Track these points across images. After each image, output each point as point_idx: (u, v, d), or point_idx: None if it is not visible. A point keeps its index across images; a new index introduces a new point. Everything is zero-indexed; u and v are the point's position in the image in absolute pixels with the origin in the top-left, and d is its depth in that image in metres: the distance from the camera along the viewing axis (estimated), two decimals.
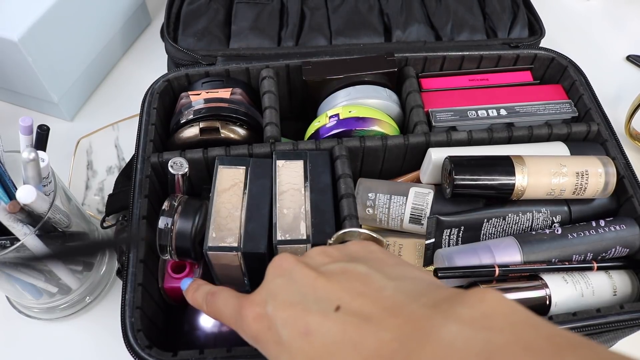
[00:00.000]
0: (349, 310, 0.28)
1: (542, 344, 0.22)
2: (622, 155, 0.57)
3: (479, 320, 0.24)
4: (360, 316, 0.27)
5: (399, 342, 0.25)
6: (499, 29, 0.72)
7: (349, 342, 0.26)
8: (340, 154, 0.54)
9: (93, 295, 0.60)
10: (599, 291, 0.50)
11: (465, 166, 0.52)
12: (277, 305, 0.31)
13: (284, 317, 0.30)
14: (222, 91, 0.60)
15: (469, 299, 0.25)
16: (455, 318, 0.24)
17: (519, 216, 0.53)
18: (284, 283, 0.32)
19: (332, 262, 0.33)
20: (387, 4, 0.73)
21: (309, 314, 0.29)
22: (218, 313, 0.36)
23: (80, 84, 0.74)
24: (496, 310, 0.24)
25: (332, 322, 0.28)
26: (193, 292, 0.40)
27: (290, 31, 0.70)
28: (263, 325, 0.31)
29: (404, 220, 0.55)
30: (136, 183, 0.54)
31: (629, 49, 0.87)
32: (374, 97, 0.60)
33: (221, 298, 0.36)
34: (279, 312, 0.30)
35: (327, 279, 0.31)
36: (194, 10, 0.72)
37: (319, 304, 0.29)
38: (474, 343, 0.22)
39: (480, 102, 0.62)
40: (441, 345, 0.23)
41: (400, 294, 0.28)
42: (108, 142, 0.72)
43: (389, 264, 0.32)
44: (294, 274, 0.32)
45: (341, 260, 0.33)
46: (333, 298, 0.29)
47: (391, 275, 0.30)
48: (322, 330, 0.28)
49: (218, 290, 0.38)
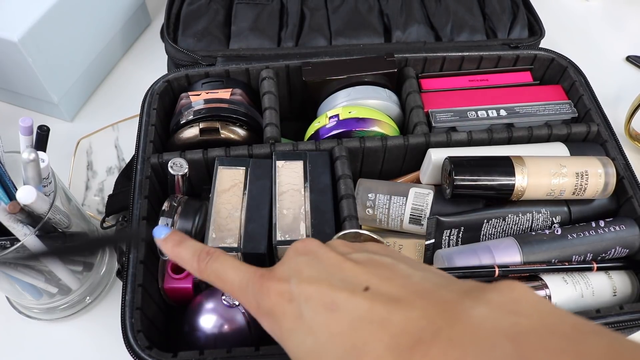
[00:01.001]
0: (377, 291, 0.28)
1: (567, 329, 0.22)
2: (622, 156, 0.57)
3: (507, 305, 0.24)
4: (389, 297, 0.27)
5: (428, 321, 0.25)
6: (499, 30, 0.72)
7: (377, 319, 0.26)
8: (340, 154, 0.54)
9: (93, 295, 0.60)
10: (598, 292, 0.50)
11: (465, 167, 0.52)
12: (302, 280, 0.30)
13: (308, 292, 0.29)
14: (222, 92, 0.60)
15: (499, 287, 0.25)
16: (485, 302, 0.25)
17: (518, 217, 0.53)
18: (308, 261, 0.31)
19: (356, 252, 0.32)
20: (387, 4, 0.73)
21: (336, 290, 0.28)
22: (221, 279, 0.35)
23: (80, 85, 0.74)
24: (524, 298, 0.25)
25: (361, 299, 0.27)
26: (175, 245, 0.38)
27: (290, 32, 0.70)
28: (284, 298, 0.30)
29: (403, 220, 0.55)
30: (136, 184, 0.54)
31: (628, 50, 0.86)
32: (373, 97, 0.60)
33: (228, 264, 0.35)
34: (304, 286, 0.29)
35: (354, 262, 0.30)
36: (194, 11, 0.72)
37: (347, 283, 0.29)
38: (502, 324, 0.23)
39: (480, 102, 0.62)
40: (470, 324, 0.24)
41: (428, 282, 0.28)
42: (108, 143, 0.72)
43: (410, 259, 0.32)
44: (319, 255, 0.32)
45: (365, 251, 0.32)
46: (361, 279, 0.29)
47: (416, 267, 0.30)
48: (349, 307, 0.27)
49: (218, 252, 0.36)
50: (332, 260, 0.31)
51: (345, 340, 0.26)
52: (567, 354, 0.21)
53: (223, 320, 0.48)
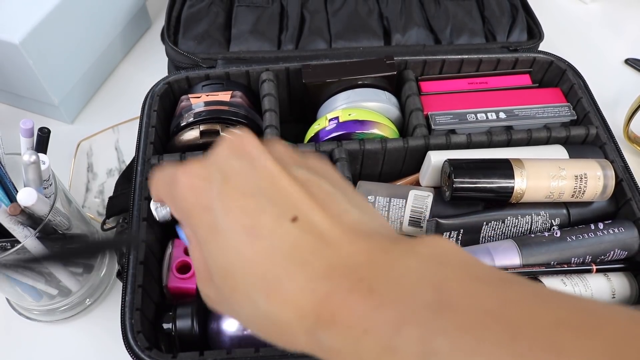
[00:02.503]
0: (307, 222, 0.25)
1: (492, 279, 0.22)
2: (621, 158, 0.58)
3: (434, 257, 0.23)
4: (317, 232, 0.24)
5: (350, 269, 0.23)
6: (498, 33, 0.72)
7: (297, 256, 0.24)
8: (340, 156, 0.55)
9: (93, 297, 0.60)
10: (597, 294, 0.50)
11: (465, 169, 0.52)
12: (226, 189, 0.26)
13: (229, 205, 0.25)
14: (222, 94, 0.60)
15: (427, 240, 0.24)
16: (413, 254, 0.23)
17: (518, 219, 0.53)
18: (241, 167, 0.26)
19: (298, 163, 0.28)
20: (386, 7, 0.73)
21: (261, 212, 0.25)
22: (155, 189, 0.31)
23: (80, 87, 0.74)
24: (451, 252, 0.23)
25: (286, 229, 0.24)
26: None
27: (290, 34, 0.70)
28: (201, 198, 0.27)
29: (403, 222, 0.55)
30: (136, 185, 0.54)
31: (627, 53, 0.87)
32: (373, 100, 0.60)
33: (159, 170, 0.31)
34: (227, 198, 0.26)
35: (290, 179, 0.26)
36: (195, 14, 0.72)
37: (276, 206, 0.25)
38: (427, 275, 0.22)
39: (480, 105, 0.62)
40: (394, 275, 0.22)
41: (362, 224, 0.26)
42: (108, 145, 0.72)
43: (350, 190, 0.28)
44: (255, 161, 0.26)
45: (307, 168, 0.28)
46: (293, 203, 0.25)
47: (354, 203, 0.27)
48: (270, 237, 0.24)
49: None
50: (267, 172, 0.26)
51: (257, 270, 0.24)
52: (491, 298, 0.20)
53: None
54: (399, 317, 0.21)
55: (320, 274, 0.23)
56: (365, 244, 0.24)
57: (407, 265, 0.23)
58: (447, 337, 0.19)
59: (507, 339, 0.19)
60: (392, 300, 0.21)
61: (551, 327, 0.19)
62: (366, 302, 0.22)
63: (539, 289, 0.21)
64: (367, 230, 0.25)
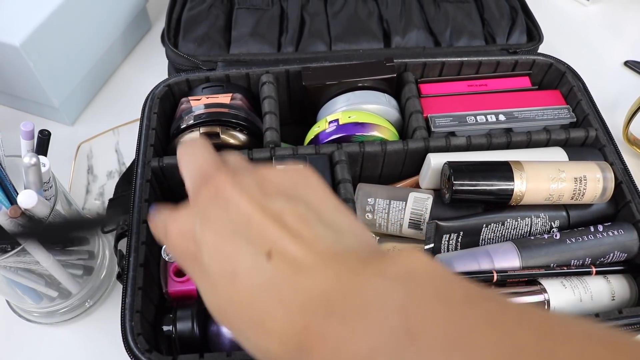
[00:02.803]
0: (281, 254, 0.26)
1: (457, 295, 0.22)
2: (620, 161, 0.58)
3: (402, 277, 0.24)
4: (292, 264, 0.26)
5: (324, 296, 0.24)
6: (498, 35, 0.72)
7: (275, 290, 0.25)
8: (340, 159, 0.55)
9: (93, 299, 0.60)
10: (597, 296, 0.50)
11: (464, 171, 0.52)
12: (206, 237, 0.28)
13: (211, 252, 0.28)
14: (222, 96, 0.60)
15: (397, 259, 0.25)
16: (382, 275, 0.24)
17: (517, 221, 0.54)
18: (218, 212, 0.28)
19: (270, 193, 0.29)
20: (386, 10, 0.73)
21: (239, 254, 0.27)
22: (155, 235, 0.33)
23: (81, 89, 0.74)
24: (420, 268, 0.24)
25: (262, 265, 0.26)
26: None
27: (290, 37, 0.70)
28: (189, 245, 0.29)
29: (403, 225, 0.55)
30: (136, 187, 0.54)
31: (626, 55, 0.87)
32: (373, 102, 0.60)
33: (155, 216, 0.33)
34: (208, 245, 0.28)
35: (264, 214, 0.27)
36: (195, 16, 0.72)
37: (252, 244, 0.27)
38: (394, 298, 0.23)
39: (479, 107, 0.62)
40: (363, 300, 0.23)
41: (337, 244, 0.27)
42: (108, 147, 0.72)
43: (328, 208, 0.29)
44: (230, 204, 0.28)
45: (280, 194, 0.29)
46: (267, 238, 0.27)
47: (330, 223, 0.28)
48: (249, 276, 0.26)
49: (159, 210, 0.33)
50: (242, 212, 0.28)
51: (244, 311, 0.26)
52: (454, 324, 0.21)
53: None
54: (371, 346, 0.22)
55: (297, 306, 0.25)
56: (337, 268, 0.25)
57: (375, 288, 0.24)
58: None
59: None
60: (363, 328, 0.22)
61: (509, 354, 0.20)
62: (340, 330, 0.23)
63: (504, 308, 0.22)
64: (341, 251, 0.26)
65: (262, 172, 0.30)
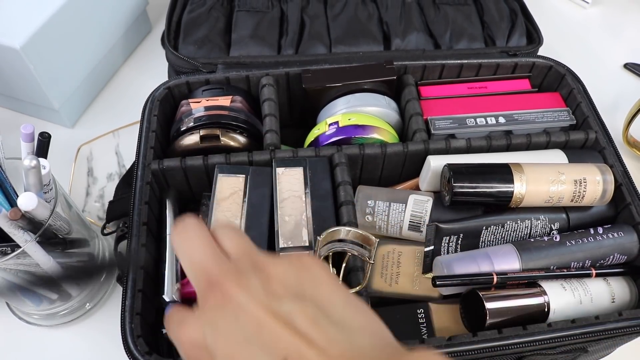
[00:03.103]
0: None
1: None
2: (620, 163, 0.58)
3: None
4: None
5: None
6: (497, 38, 0.72)
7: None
8: (340, 161, 0.55)
9: (93, 301, 0.60)
10: (597, 298, 0.50)
11: (464, 174, 0.52)
12: (219, 346, 0.28)
13: (226, 358, 0.28)
14: (222, 99, 0.60)
15: (411, 358, 0.25)
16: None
17: (517, 224, 0.54)
18: (225, 316, 0.28)
19: (278, 295, 0.29)
20: (386, 12, 0.74)
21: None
22: (171, 338, 0.32)
23: (81, 91, 0.75)
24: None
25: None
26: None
27: (290, 39, 0.70)
28: (202, 355, 0.29)
29: (403, 227, 0.55)
30: (136, 189, 0.54)
31: (626, 57, 0.87)
32: (373, 104, 0.60)
33: (167, 320, 0.33)
34: (221, 348, 0.28)
35: (275, 321, 0.27)
36: (195, 19, 0.72)
37: (266, 351, 0.27)
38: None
39: (479, 109, 0.62)
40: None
41: (350, 349, 0.27)
42: (108, 149, 0.73)
43: (338, 304, 0.29)
44: (239, 311, 0.28)
45: (287, 295, 0.29)
46: (280, 347, 0.27)
47: (341, 322, 0.28)
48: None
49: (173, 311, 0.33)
50: (251, 319, 0.28)
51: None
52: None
53: None
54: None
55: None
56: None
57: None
58: None
59: None
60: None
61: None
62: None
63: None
64: (356, 355, 0.27)
65: (267, 269, 0.30)
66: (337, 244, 0.44)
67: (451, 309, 0.53)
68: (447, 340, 0.46)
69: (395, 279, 0.54)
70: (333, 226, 0.42)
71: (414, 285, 0.54)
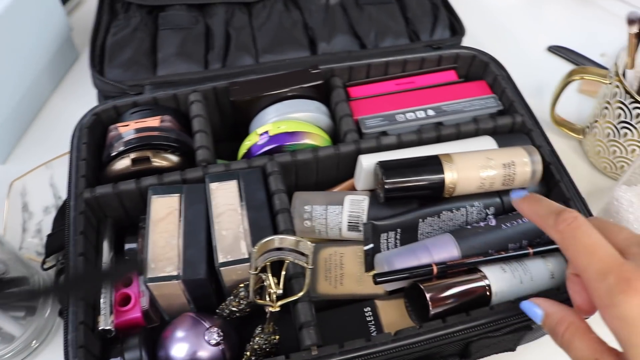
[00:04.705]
0: None
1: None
2: (547, 143, 0.59)
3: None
4: None
5: None
6: (422, 32, 0.74)
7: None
8: (272, 170, 0.55)
9: (39, 339, 0.58)
10: (537, 276, 0.51)
11: (395, 169, 0.53)
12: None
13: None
14: (150, 120, 0.60)
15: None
16: None
17: (453, 212, 0.54)
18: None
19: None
20: (310, 17, 0.74)
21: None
22: (577, 252, 0.36)
23: (9, 125, 0.73)
24: None
25: None
26: (532, 203, 0.41)
27: (216, 53, 0.70)
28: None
29: (342, 228, 0.55)
30: (70, 220, 0.53)
31: (550, 41, 0.90)
32: (302, 110, 0.60)
33: (590, 239, 0.35)
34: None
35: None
36: (119, 41, 0.71)
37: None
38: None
39: (408, 104, 0.63)
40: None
41: None
42: (43, 182, 0.71)
43: None
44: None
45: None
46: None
47: None
48: None
49: (581, 221, 0.37)
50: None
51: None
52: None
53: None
54: None
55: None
56: None
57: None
58: None
59: None
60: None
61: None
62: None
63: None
64: None
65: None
66: (274, 253, 0.44)
67: (398, 304, 0.53)
68: (393, 336, 0.46)
69: (339, 281, 0.55)
70: (266, 237, 0.42)
71: (359, 285, 0.54)
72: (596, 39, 0.89)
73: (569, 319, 0.38)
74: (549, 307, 0.40)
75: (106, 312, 0.50)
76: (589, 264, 0.34)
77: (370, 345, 0.46)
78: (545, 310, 0.40)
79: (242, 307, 0.50)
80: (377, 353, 0.45)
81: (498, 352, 0.54)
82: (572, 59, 0.86)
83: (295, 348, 0.46)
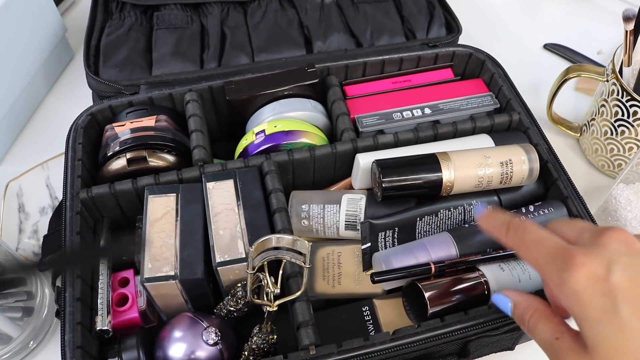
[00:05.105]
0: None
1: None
2: (545, 141, 0.59)
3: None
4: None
5: None
6: (417, 31, 0.73)
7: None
8: (269, 169, 0.55)
9: (37, 340, 0.58)
10: (535, 275, 0.51)
11: (392, 168, 0.52)
12: (624, 279, 0.31)
13: (632, 294, 0.31)
14: (146, 119, 0.59)
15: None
16: None
17: (450, 211, 0.54)
18: (630, 261, 0.32)
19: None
20: (306, 16, 0.74)
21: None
22: (525, 248, 0.37)
23: (5, 126, 0.72)
24: None
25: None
26: (485, 217, 0.42)
27: (212, 53, 0.70)
28: (596, 288, 0.32)
29: (339, 227, 0.55)
30: (67, 221, 0.53)
31: (545, 38, 0.89)
32: (299, 109, 0.60)
33: (533, 236, 0.37)
34: (627, 286, 0.31)
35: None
36: (114, 41, 0.71)
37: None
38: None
39: (405, 103, 0.63)
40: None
41: None
42: (39, 183, 0.71)
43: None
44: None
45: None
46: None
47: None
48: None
49: (525, 224, 0.38)
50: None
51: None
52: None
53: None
54: None
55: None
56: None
57: None
58: None
59: None
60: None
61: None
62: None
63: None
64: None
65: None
66: (271, 252, 0.44)
67: (396, 303, 0.53)
68: (391, 335, 0.46)
69: (337, 280, 0.54)
70: (263, 236, 0.42)
71: (357, 284, 0.54)
72: (592, 37, 0.89)
73: (534, 305, 0.39)
74: (517, 297, 0.41)
75: (103, 313, 0.50)
76: (538, 253, 0.36)
77: (368, 344, 0.45)
78: (514, 300, 0.41)
79: (240, 306, 0.50)
80: (375, 352, 0.45)
81: (496, 351, 0.54)
82: (568, 57, 0.86)
83: (293, 348, 0.46)
